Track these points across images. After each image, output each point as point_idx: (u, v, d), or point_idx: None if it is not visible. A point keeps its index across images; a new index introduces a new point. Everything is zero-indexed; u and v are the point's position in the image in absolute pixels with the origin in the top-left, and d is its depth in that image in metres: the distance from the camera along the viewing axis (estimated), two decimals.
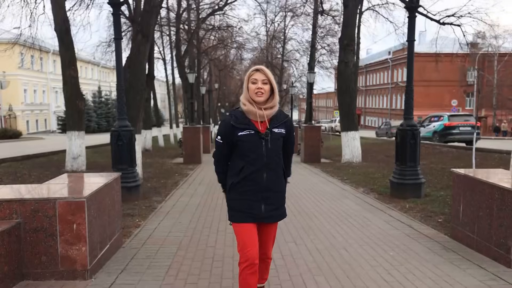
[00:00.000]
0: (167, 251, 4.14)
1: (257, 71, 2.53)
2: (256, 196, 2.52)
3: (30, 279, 3.29)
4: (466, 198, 4.30)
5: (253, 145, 2.48)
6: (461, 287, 3.19)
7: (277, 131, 2.54)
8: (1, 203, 3.24)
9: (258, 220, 2.56)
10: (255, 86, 2.49)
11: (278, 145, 2.55)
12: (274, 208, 2.57)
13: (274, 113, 2.55)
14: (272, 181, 2.54)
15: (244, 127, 2.50)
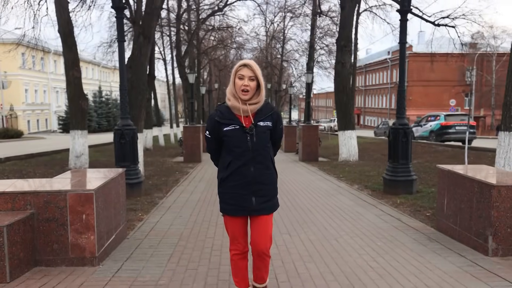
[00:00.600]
0: (169, 241, 4.42)
1: (245, 67, 2.50)
2: (246, 190, 2.53)
3: (42, 265, 3.56)
4: (450, 192, 4.57)
5: (238, 139, 2.50)
6: (440, 272, 3.46)
7: (263, 124, 2.54)
8: (16, 195, 3.52)
9: (249, 212, 2.58)
10: (241, 83, 2.48)
11: (264, 139, 2.55)
12: (265, 200, 2.57)
13: (259, 107, 2.54)
14: (260, 174, 2.54)
15: (229, 122, 2.52)
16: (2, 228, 3.13)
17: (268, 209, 2.60)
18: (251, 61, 2.56)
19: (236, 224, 2.61)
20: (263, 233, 2.61)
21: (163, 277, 3.38)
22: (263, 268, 2.70)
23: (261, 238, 2.60)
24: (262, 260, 2.65)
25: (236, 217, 2.59)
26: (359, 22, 19.57)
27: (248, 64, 2.50)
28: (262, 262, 2.67)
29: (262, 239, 2.60)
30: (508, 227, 3.78)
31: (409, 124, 7.68)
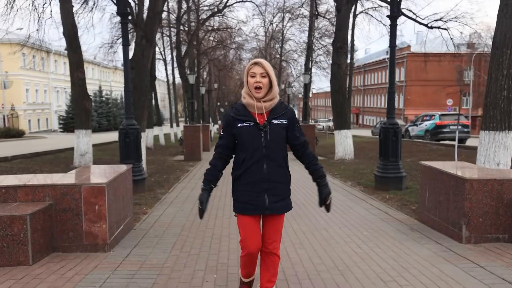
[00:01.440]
0: (172, 232, 4.81)
1: (256, 65, 2.56)
2: (258, 188, 2.53)
3: (59, 251, 3.95)
4: (430, 187, 4.97)
5: (252, 136, 2.52)
6: (416, 257, 3.86)
7: (277, 122, 2.57)
8: (36, 188, 3.91)
9: (262, 211, 2.57)
10: (253, 80, 2.53)
11: (279, 136, 2.57)
12: (278, 200, 2.57)
13: (273, 105, 2.57)
14: (273, 172, 2.54)
15: (243, 118, 2.56)
16: (25, 216, 3.53)
17: (280, 209, 2.60)
18: (262, 59, 2.62)
19: (249, 223, 2.59)
20: (273, 233, 2.62)
21: (168, 261, 3.78)
22: (271, 269, 2.67)
23: (271, 238, 2.62)
24: (271, 261, 2.65)
25: (249, 216, 2.58)
26: (356, 24, 19.95)
27: (258, 62, 2.56)
28: (271, 263, 2.66)
29: (272, 239, 2.62)
30: (480, 217, 4.18)
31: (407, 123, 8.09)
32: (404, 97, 51.09)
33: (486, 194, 4.17)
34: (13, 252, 3.54)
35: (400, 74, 52.19)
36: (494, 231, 4.21)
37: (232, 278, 3.33)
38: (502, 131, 5.84)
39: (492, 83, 5.91)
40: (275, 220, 2.63)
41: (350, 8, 14.00)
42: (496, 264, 3.57)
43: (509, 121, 5.82)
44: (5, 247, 3.51)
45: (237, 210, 2.63)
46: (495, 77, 5.86)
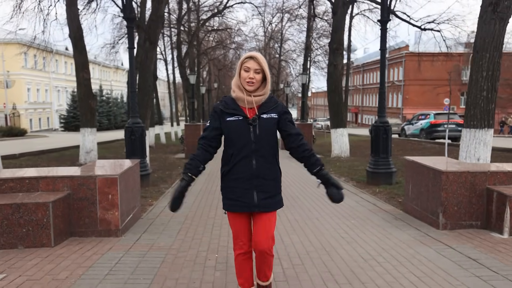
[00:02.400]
0: (177, 220, 5.26)
1: (251, 59, 2.45)
2: (247, 184, 2.46)
3: (76, 235, 4.40)
4: (413, 179, 5.43)
5: (241, 131, 2.45)
6: (396, 240, 4.31)
7: (266, 116, 2.48)
8: (56, 179, 4.36)
9: (251, 208, 2.50)
10: (247, 75, 2.44)
11: (268, 131, 2.48)
12: (267, 197, 2.49)
13: (264, 99, 2.50)
14: (262, 168, 2.47)
15: (232, 112, 2.48)
16: (48, 204, 3.98)
17: (270, 206, 2.52)
18: (258, 53, 2.50)
19: (238, 221, 2.56)
20: (264, 232, 2.51)
21: (174, 244, 4.23)
22: (265, 266, 2.61)
23: (262, 236, 2.51)
24: (264, 260, 2.57)
25: (238, 213, 2.54)
26: (353, 26, 20.40)
27: (254, 56, 2.45)
28: (265, 262, 2.58)
29: (263, 238, 2.51)
30: (455, 206, 4.64)
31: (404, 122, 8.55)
32: (403, 96, 51.49)
33: (461, 185, 4.62)
34: (37, 235, 3.99)
35: (398, 74, 52.60)
36: (468, 218, 4.66)
37: (232, 257, 3.77)
38: (482, 128, 6.29)
39: (473, 84, 6.36)
40: (265, 217, 2.53)
41: (346, 11, 14.46)
42: (466, 246, 4.03)
43: (488, 119, 6.27)
44: (31, 230, 3.96)
45: (226, 207, 2.57)
46: (476, 78, 6.31)
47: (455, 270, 3.41)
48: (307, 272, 3.43)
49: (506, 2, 6.11)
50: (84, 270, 3.41)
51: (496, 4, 6.10)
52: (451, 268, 3.46)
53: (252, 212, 2.55)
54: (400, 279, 3.25)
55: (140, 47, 9.82)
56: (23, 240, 3.96)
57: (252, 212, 2.55)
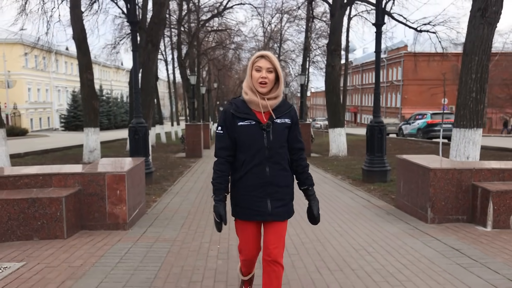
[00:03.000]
0: (180, 215, 5.55)
1: (262, 58, 2.34)
2: (260, 192, 2.35)
3: (87, 229, 4.68)
4: (405, 176, 5.72)
5: (254, 137, 2.32)
6: (386, 233, 4.60)
7: (280, 121, 2.37)
8: (68, 175, 4.65)
9: (264, 217, 2.38)
10: (259, 75, 2.32)
11: (281, 137, 2.37)
12: (281, 205, 2.38)
13: (278, 103, 2.37)
14: (276, 175, 2.36)
15: (244, 116, 2.34)
16: (61, 198, 4.26)
17: (283, 215, 2.41)
18: (269, 52, 2.40)
19: (249, 229, 2.44)
20: (276, 241, 2.39)
21: (178, 236, 4.52)
22: (275, 281, 2.39)
23: (274, 246, 2.38)
24: (273, 271, 2.39)
25: (249, 221, 2.42)
26: (351, 27, 20.69)
27: (266, 55, 2.34)
28: (274, 273, 2.39)
29: (275, 247, 2.38)
30: (442, 201, 4.93)
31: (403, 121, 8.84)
32: (401, 96, 51.75)
33: (448, 182, 4.91)
34: (51, 227, 4.28)
35: (397, 74, 52.87)
36: (454, 213, 4.95)
37: (233, 248, 4.07)
38: (471, 128, 6.58)
39: (463, 86, 6.65)
40: (277, 226, 2.40)
41: (343, 13, 14.74)
42: (451, 238, 4.32)
43: (477, 119, 6.56)
44: (45, 223, 4.25)
45: (237, 215, 2.45)
46: (465, 80, 6.60)
47: (438, 259, 3.70)
48: (302, 261, 3.72)
49: (494, 7, 6.40)
50: (97, 259, 3.70)
51: (485, 10, 6.39)
52: (434, 257, 3.75)
53: (264, 221, 2.42)
54: (387, 266, 3.54)
55: (142, 49, 10.08)
56: (38, 232, 4.24)
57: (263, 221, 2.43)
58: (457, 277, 3.28)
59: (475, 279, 3.23)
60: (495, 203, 4.57)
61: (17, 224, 4.19)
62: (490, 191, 4.59)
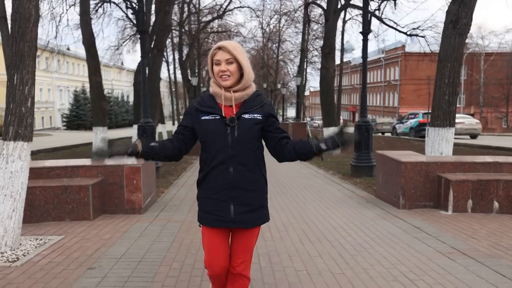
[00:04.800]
0: (186, 203, 6.36)
1: (219, 50, 2.12)
2: (223, 195, 2.14)
3: (108, 213, 5.49)
4: (382, 169, 6.54)
5: (216, 132, 2.12)
6: (363, 216, 5.42)
7: (249, 117, 2.14)
8: (92, 167, 5.47)
9: (227, 224, 2.16)
10: (218, 68, 2.12)
11: (250, 135, 2.14)
12: (246, 210, 2.16)
13: (247, 96, 2.16)
14: (241, 177, 2.14)
15: (208, 110, 2.15)
16: (89, 186, 5.08)
17: (249, 222, 2.18)
18: (227, 41, 2.18)
19: (213, 237, 2.19)
20: (242, 251, 2.22)
21: (186, 219, 5.33)
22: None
23: (239, 257, 2.22)
24: (240, 284, 2.25)
25: (214, 228, 2.19)
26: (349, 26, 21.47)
27: (222, 46, 2.12)
28: (240, 286, 2.26)
29: (240, 258, 2.22)
30: (412, 190, 5.75)
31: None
32: (399, 96, 52.50)
33: (417, 173, 5.73)
34: (80, 211, 5.09)
35: (394, 73, 53.64)
36: (422, 200, 5.77)
37: None
38: (444, 127, 7.39)
39: (437, 90, 7.46)
40: (244, 235, 2.21)
41: (337, 18, 15.56)
42: (416, 219, 5.14)
43: (450, 119, 7.37)
44: (75, 207, 5.06)
45: (200, 221, 2.25)
46: (439, 84, 7.41)
47: (401, 234, 4.52)
48: (289, 235, 4.53)
49: (464, 20, 7.21)
50: (121, 234, 4.52)
51: (456, 22, 7.20)
52: (398, 233, 4.57)
53: (231, 228, 2.21)
54: (358, 239, 4.36)
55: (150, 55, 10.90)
56: (69, 214, 5.06)
57: (230, 228, 2.21)
58: (412, 246, 4.10)
59: (425, 247, 4.05)
60: (455, 191, 5.39)
61: (52, 207, 5.00)
62: (450, 181, 5.41)
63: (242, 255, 2.22)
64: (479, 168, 5.79)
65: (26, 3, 3.58)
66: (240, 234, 2.21)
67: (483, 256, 3.73)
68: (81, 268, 3.47)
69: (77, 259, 3.69)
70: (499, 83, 45.13)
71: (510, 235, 4.39)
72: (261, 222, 2.23)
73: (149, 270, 3.47)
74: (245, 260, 2.23)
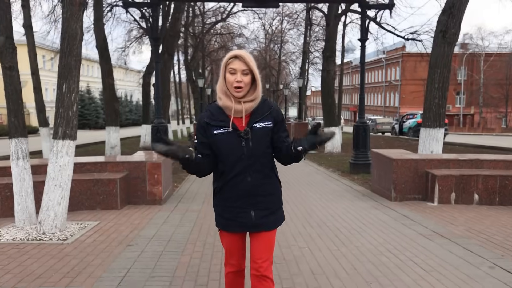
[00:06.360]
0: (200, 196, 7.06)
1: (236, 59, 2.13)
2: (243, 203, 2.20)
3: (132, 204, 6.19)
4: (377, 166, 7.23)
5: (231, 145, 2.16)
6: (358, 207, 6.11)
7: (260, 125, 2.19)
8: (118, 163, 6.18)
9: (248, 229, 2.26)
10: (233, 78, 2.13)
11: (263, 143, 2.20)
12: (267, 214, 2.24)
13: (255, 105, 2.19)
14: (259, 184, 2.21)
15: (220, 124, 2.17)
16: (117, 179, 5.78)
17: (270, 225, 2.27)
18: (243, 51, 2.19)
19: (233, 240, 2.30)
20: (264, 252, 2.27)
21: (202, 209, 6.04)
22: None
23: (262, 260, 2.25)
24: (262, 285, 2.26)
25: (233, 233, 2.28)
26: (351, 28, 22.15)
27: (239, 55, 2.13)
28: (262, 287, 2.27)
29: (263, 261, 2.26)
30: (403, 184, 6.43)
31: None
32: (400, 96, 53.05)
33: (406, 169, 6.42)
34: (109, 201, 5.79)
35: (395, 73, 54.20)
36: (412, 193, 6.46)
37: None
38: (434, 128, 8.05)
39: (428, 93, 8.13)
40: (264, 237, 2.27)
41: (337, 22, 16.23)
42: (404, 209, 5.83)
43: (439, 121, 8.03)
44: (105, 197, 5.77)
45: (220, 226, 2.32)
46: (430, 89, 8.09)
47: (390, 221, 5.22)
48: (293, 222, 5.23)
49: (453, 30, 7.87)
50: (148, 220, 5.23)
51: (445, 32, 7.86)
52: (387, 220, 5.27)
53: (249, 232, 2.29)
54: (351, 224, 5.06)
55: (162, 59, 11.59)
56: (100, 204, 5.77)
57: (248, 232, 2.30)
58: (398, 230, 4.80)
59: (410, 231, 4.74)
60: (440, 185, 6.08)
61: (85, 197, 5.71)
62: (436, 176, 6.10)
63: (264, 254, 2.26)
64: (463, 164, 6.49)
65: (74, 24, 4.28)
66: (260, 236, 2.26)
67: (457, 237, 4.42)
68: (121, 245, 4.18)
69: (116, 239, 4.40)
70: (499, 84, 45.67)
71: (484, 222, 5.08)
72: (280, 222, 2.33)
73: (178, 247, 4.17)
74: (267, 259, 2.26)
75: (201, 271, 3.55)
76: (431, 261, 3.75)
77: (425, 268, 3.59)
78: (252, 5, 10.71)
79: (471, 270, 3.50)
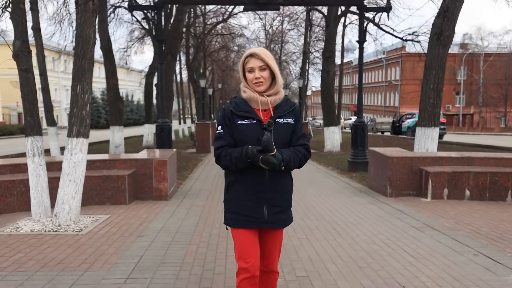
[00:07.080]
0: (203, 193, 7.35)
1: (252, 57, 2.20)
2: (258, 197, 2.21)
3: (139, 199, 6.49)
4: (374, 163, 7.52)
5: (254, 137, 2.15)
6: (355, 203, 6.40)
7: (283, 121, 2.23)
8: (126, 160, 6.48)
9: (259, 225, 2.25)
10: (252, 76, 2.20)
11: (284, 138, 2.22)
12: (278, 211, 2.26)
13: (279, 100, 2.24)
14: (276, 180, 2.22)
15: (245, 115, 2.21)
16: (125, 176, 6.08)
17: (280, 223, 2.30)
18: (258, 48, 2.25)
19: (245, 237, 2.26)
20: (273, 250, 2.34)
21: (206, 204, 6.33)
22: (270, 286, 2.39)
23: (270, 256, 2.33)
24: (270, 278, 2.37)
25: (245, 229, 2.26)
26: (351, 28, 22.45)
27: (255, 53, 2.20)
28: (269, 280, 2.38)
29: (271, 257, 2.34)
30: (398, 180, 6.73)
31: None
32: (400, 96, 53.29)
33: (401, 166, 6.71)
34: (118, 196, 6.09)
35: (395, 73, 54.45)
36: (406, 189, 6.75)
37: None
38: (429, 127, 8.35)
39: (423, 94, 8.43)
40: (274, 235, 2.32)
41: (337, 24, 16.52)
42: (399, 204, 6.12)
43: (434, 120, 8.33)
44: (114, 193, 6.07)
45: (229, 222, 2.30)
46: (425, 89, 8.38)
47: (384, 214, 5.52)
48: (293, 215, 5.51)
49: (447, 32, 8.17)
50: (156, 214, 5.53)
51: (440, 34, 8.16)
52: (382, 214, 5.56)
53: (260, 228, 2.29)
54: (348, 218, 5.36)
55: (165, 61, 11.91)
56: (109, 199, 6.06)
57: (259, 228, 2.29)
58: (391, 222, 5.09)
59: (403, 223, 5.04)
60: (433, 181, 6.37)
61: (95, 193, 6.01)
62: (429, 172, 6.39)
63: (273, 253, 2.33)
64: (455, 162, 6.78)
65: (87, 30, 4.58)
66: (271, 234, 2.30)
67: (446, 229, 4.72)
68: (132, 236, 4.47)
69: (127, 230, 4.70)
70: (498, 84, 45.92)
71: (473, 215, 5.37)
72: (289, 222, 2.36)
73: (185, 237, 4.47)
74: (274, 257, 2.35)
75: (208, 258, 3.85)
76: (421, 250, 4.05)
77: (414, 255, 3.88)
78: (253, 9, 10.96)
79: (456, 257, 3.80)
